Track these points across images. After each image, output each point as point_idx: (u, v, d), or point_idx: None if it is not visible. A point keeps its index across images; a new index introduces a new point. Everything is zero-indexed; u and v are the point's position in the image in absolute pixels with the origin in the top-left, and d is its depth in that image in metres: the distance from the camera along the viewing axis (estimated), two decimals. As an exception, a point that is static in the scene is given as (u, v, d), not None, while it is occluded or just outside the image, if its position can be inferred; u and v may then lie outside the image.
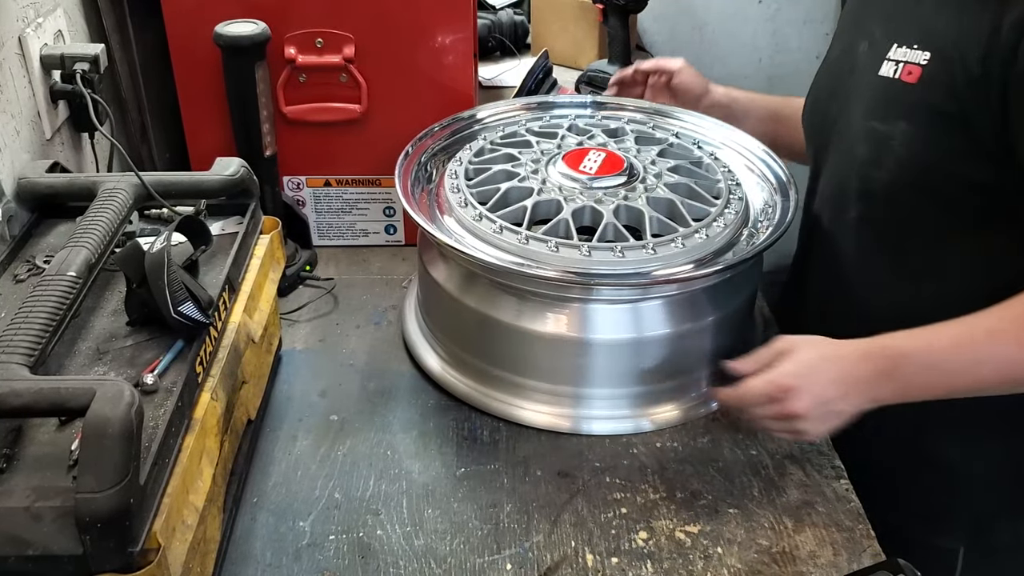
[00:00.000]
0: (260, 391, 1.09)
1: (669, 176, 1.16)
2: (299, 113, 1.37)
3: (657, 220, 1.07)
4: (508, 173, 1.17)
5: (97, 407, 0.67)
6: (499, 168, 1.18)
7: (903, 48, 1.02)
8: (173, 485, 0.76)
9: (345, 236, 1.49)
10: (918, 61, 0.99)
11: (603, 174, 1.13)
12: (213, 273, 0.99)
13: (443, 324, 1.17)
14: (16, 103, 1.11)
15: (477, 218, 1.08)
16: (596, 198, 1.10)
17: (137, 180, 1.01)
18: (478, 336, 1.11)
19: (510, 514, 0.99)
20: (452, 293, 1.10)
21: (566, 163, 1.15)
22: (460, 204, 1.11)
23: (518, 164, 1.18)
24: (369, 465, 1.05)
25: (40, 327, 0.79)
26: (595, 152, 1.17)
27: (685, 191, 1.14)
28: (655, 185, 1.13)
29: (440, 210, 1.15)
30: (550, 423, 1.09)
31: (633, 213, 1.09)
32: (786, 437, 1.03)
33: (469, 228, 1.09)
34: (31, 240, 1.03)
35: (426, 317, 1.21)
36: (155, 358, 0.86)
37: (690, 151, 1.24)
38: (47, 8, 1.20)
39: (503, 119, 1.35)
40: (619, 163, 1.15)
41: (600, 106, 1.40)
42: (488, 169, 1.18)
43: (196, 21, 1.28)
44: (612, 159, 1.16)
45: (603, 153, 1.17)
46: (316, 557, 0.93)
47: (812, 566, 0.93)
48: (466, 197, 1.11)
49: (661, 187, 1.13)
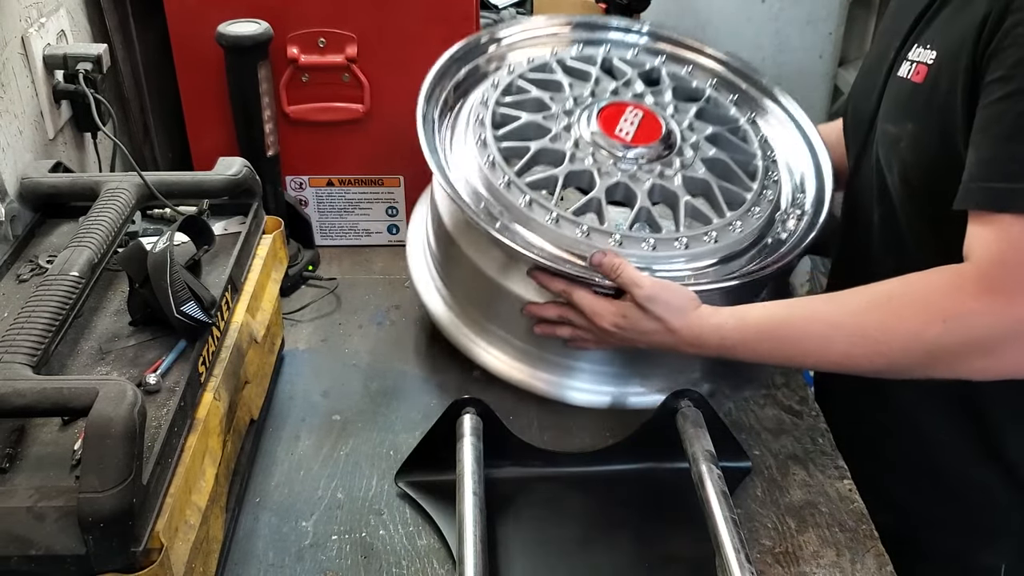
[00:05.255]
0: (263, 391, 1.09)
1: (706, 147, 1.10)
2: (301, 113, 1.37)
3: (691, 206, 1.03)
4: (539, 128, 1.09)
5: (100, 407, 0.67)
6: (529, 120, 1.09)
7: (919, 48, 1.00)
8: (176, 485, 0.76)
9: (347, 236, 1.49)
10: (926, 60, 0.98)
11: (640, 143, 1.07)
12: (216, 273, 0.99)
13: (453, 276, 1.13)
14: (19, 103, 1.11)
15: (506, 185, 1.01)
16: (631, 173, 1.04)
17: (140, 180, 1.01)
18: (489, 300, 1.07)
19: (513, 514, 0.99)
20: (470, 256, 1.05)
21: (601, 124, 1.07)
22: (487, 164, 1.03)
23: (550, 116, 1.10)
24: (372, 465, 1.05)
25: (43, 327, 0.79)
26: (632, 110, 1.10)
27: (721, 170, 1.09)
28: (692, 160, 1.08)
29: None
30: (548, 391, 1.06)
31: (668, 195, 1.05)
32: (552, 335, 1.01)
33: (493, 192, 1.02)
34: (34, 240, 1.03)
35: (436, 262, 1.16)
36: (158, 358, 0.86)
37: (727, 112, 1.18)
38: (50, 8, 1.20)
39: (531, 37, 1.24)
40: (657, 128, 1.09)
41: (634, 32, 1.29)
42: (516, 118, 1.10)
43: (199, 21, 1.28)
44: (650, 122, 1.09)
45: (641, 112, 1.10)
46: (319, 557, 0.93)
47: (815, 566, 0.93)
48: (494, 156, 1.03)
49: (698, 163, 1.08)
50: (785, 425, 1.12)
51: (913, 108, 0.99)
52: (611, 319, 0.94)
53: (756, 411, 1.14)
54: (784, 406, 1.15)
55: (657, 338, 0.94)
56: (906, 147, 0.99)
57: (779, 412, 1.14)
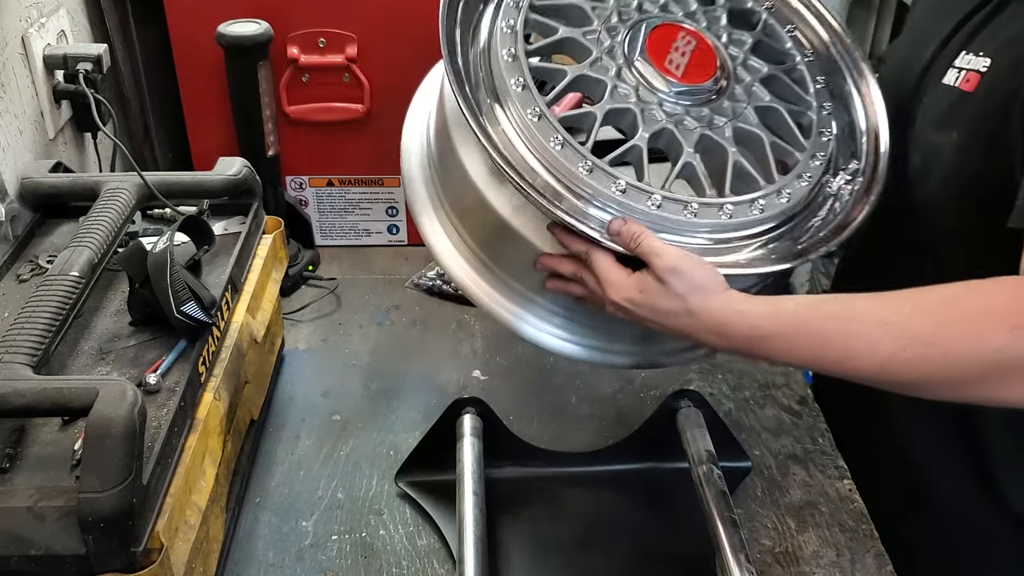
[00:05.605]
0: (263, 391, 1.09)
1: (759, 92, 0.97)
2: (302, 113, 1.37)
3: (740, 167, 0.91)
4: (578, 47, 0.94)
5: (100, 407, 0.67)
6: (565, 35, 0.94)
7: (969, 55, 0.94)
8: (176, 485, 0.76)
9: (348, 236, 1.49)
10: (978, 68, 0.92)
11: (690, 81, 0.92)
12: (216, 273, 0.99)
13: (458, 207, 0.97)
14: (19, 103, 1.11)
15: (536, 115, 0.87)
16: (678, 119, 0.91)
17: (140, 180, 1.01)
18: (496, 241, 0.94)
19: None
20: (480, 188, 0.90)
21: (649, 52, 0.92)
22: (517, 86, 0.88)
23: (590, 33, 0.94)
24: (372, 465, 1.05)
25: (43, 327, 0.79)
26: (684, 37, 0.95)
27: (775, 121, 0.96)
28: (743, 108, 0.94)
29: (491, 90, 0.90)
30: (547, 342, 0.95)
31: (715, 148, 0.92)
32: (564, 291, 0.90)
33: (521, 126, 0.88)
34: (34, 240, 1.03)
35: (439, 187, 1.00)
36: (158, 358, 0.86)
37: (784, 47, 1.02)
38: (50, 8, 1.20)
39: None
40: (710, 62, 0.94)
41: None
42: (554, 29, 0.94)
43: (199, 21, 1.28)
44: (703, 53, 0.94)
45: (693, 41, 0.95)
46: (319, 557, 0.93)
47: (815, 566, 0.93)
48: (524, 77, 0.88)
49: (750, 112, 0.94)
50: (785, 425, 1.12)
51: (960, 117, 0.93)
52: (626, 292, 0.83)
53: (756, 411, 1.14)
54: (784, 406, 1.15)
55: (673, 321, 0.82)
56: (950, 156, 0.94)
57: (779, 412, 1.14)
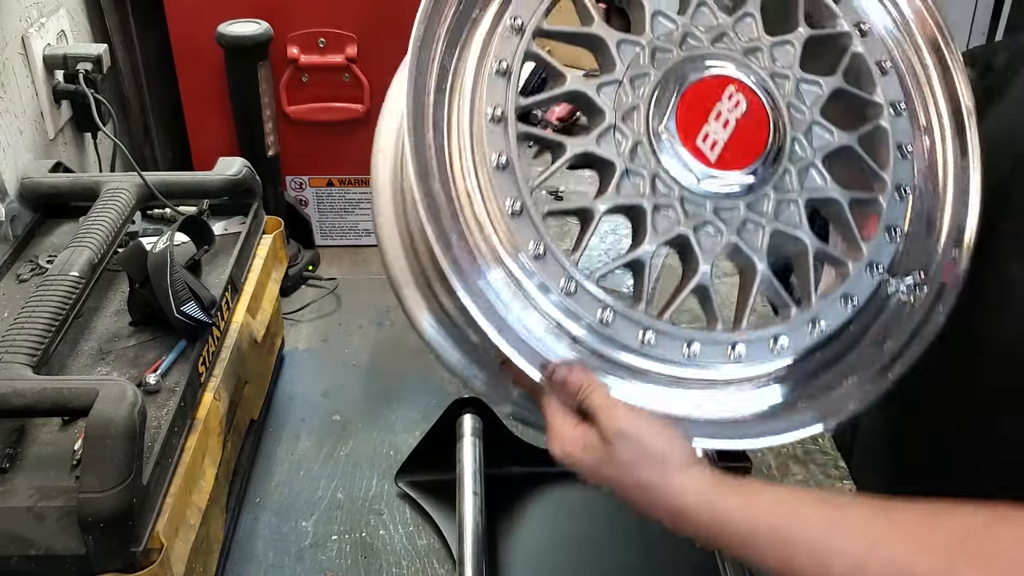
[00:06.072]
0: (263, 391, 1.09)
1: (816, 177, 0.71)
2: (302, 113, 1.37)
3: (768, 287, 0.70)
4: (586, 102, 0.70)
5: (100, 407, 0.67)
6: (573, 87, 0.70)
7: None
8: (176, 485, 0.76)
9: (347, 236, 1.49)
10: None
11: (726, 167, 0.68)
12: (216, 273, 0.99)
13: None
14: (19, 103, 1.11)
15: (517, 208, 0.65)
16: (700, 220, 0.68)
17: (140, 180, 1.01)
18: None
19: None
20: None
21: (680, 127, 0.67)
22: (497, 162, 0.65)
23: (609, 84, 0.69)
24: (372, 465, 1.05)
25: (43, 327, 0.79)
26: (732, 98, 0.68)
27: (831, 213, 0.72)
28: (790, 204, 0.70)
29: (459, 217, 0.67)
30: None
31: (741, 263, 0.70)
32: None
33: (498, 216, 0.65)
34: (34, 240, 1.03)
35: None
36: (158, 358, 0.86)
37: (870, 95, 0.74)
38: (50, 8, 1.20)
39: None
40: (760, 137, 0.69)
41: None
42: (559, 74, 0.71)
43: (199, 21, 1.28)
44: (753, 122, 0.69)
45: (744, 103, 0.68)
46: (318, 557, 0.93)
47: (815, 567, 0.93)
48: (510, 155, 0.65)
49: (797, 209, 0.70)
50: (785, 425, 1.12)
51: None
52: (566, 447, 0.66)
53: (756, 411, 1.14)
54: (784, 406, 1.15)
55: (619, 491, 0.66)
56: None
57: (779, 412, 1.14)
